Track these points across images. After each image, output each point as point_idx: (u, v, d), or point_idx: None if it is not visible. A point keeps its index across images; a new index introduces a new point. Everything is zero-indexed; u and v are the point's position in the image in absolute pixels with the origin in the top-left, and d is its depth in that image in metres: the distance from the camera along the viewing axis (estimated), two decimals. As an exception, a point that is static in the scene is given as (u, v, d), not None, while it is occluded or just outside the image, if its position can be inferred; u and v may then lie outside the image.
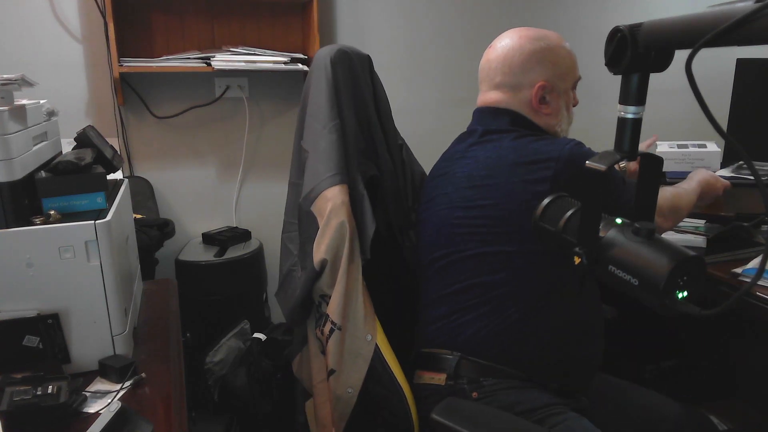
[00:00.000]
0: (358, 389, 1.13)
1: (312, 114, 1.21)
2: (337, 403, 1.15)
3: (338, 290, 1.10)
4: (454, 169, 1.21)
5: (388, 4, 2.47)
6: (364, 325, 1.11)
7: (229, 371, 1.76)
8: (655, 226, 0.74)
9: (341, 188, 1.13)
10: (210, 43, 2.23)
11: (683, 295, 0.71)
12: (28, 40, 2.03)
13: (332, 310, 1.11)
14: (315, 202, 1.14)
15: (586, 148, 1.10)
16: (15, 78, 1.00)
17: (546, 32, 1.21)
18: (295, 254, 1.26)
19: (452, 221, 1.16)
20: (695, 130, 2.81)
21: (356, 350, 1.12)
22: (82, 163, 1.07)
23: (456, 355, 1.12)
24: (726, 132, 0.63)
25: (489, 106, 1.22)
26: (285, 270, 1.29)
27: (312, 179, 1.17)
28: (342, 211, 1.10)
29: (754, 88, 1.74)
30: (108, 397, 0.95)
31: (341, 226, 1.10)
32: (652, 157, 0.75)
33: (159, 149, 2.26)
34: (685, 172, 1.54)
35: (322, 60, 1.21)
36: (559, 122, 1.22)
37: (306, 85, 1.26)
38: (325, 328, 1.14)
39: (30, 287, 0.97)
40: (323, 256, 1.10)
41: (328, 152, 1.15)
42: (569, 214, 0.84)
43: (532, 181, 1.06)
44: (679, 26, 0.63)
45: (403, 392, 1.11)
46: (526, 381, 1.10)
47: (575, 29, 2.70)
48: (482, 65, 1.25)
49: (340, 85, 1.19)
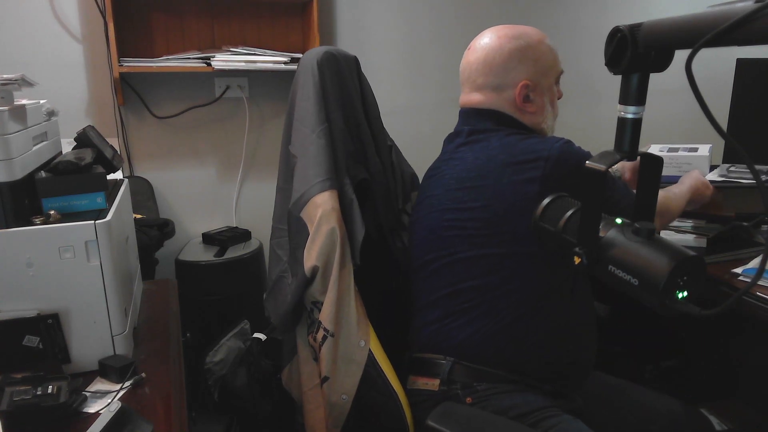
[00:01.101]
0: (352, 395, 1.12)
1: (299, 118, 1.19)
2: (331, 410, 1.15)
3: (330, 297, 1.10)
4: (443, 170, 1.21)
5: (388, 4, 2.47)
6: (357, 331, 1.10)
7: (229, 371, 1.76)
8: (654, 226, 0.74)
9: (331, 194, 1.11)
10: (210, 43, 2.23)
11: (683, 295, 0.71)
12: (28, 40, 2.03)
13: (325, 317, 1.10)
14: (305, 208, 1.13)
15: (576, 147, 1.09)
16: (15, 78, 1.00)
17: (525, 29, 1.20)
18: (284, 260, 1.24)
19: (442, 223, 1.15)
20: (695, 130, 2.81)
21: (350, 356, 1.11)
22: (82, 163, 1.07)
23: (449, 360, 1.12)
24: (726, 132, 0.63)
25: (473, 108, 1.21)
26: (274, 276, 1.27)
27: (301, 185, 1.15)
28: (332, 217, 1.09)
29: (754, 88, 1.74)
30: (108, 397, 0.94)
31: (332, 233, 1.09)
32: (652, 157, 0.76)
33: (159, 149, 2.27)
34: (672, 176, 1.54)
35: (309, 63, 1.19)
36: (544, 119, 1.20)
37: (292, 89, 1.24)
38: (318, 335, 1.13)
39: (30, 287, 0.97)
40: (314, 263, 1.09)
41: (317, 157, 1.14)
42: (569, 214, 0.84)
43: (521, 181, 1.06)
44: (679, 26, 0.63)
45: (398, 397, 1.10)
46: (519, 384, 1.10)
47: (575, 29, 2.70)
48: (463, 66, 1.23)
49: (327, 88, 1.18)
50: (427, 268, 1.19)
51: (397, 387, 1.11)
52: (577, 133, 1.57)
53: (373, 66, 2.34)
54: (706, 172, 1.60)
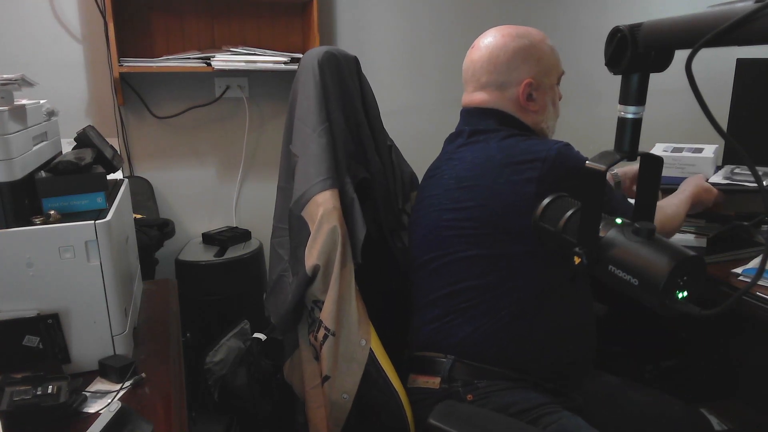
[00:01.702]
0: (353, 395, 1.12)
1: (300, 118, 1.20)
2: (332, 409, 1.15)
3: (331, 296, 1.09)
4: (443, 170, 1.21)
5: (388, 4, 2.47)
6: (358, 330, 1.10)
7: (229, 371, 1.76)
8: (654, 226, 0.74)
9: (332, 193, 1.11)
10: (210, 43, 2.23)
11: (683, 295, 0.71)
12: (28, 40, 2.03)
13: (326, 316, 1.11)
14: (306, 207, 1.13)
15: (575, 151, 1.10)
16: (15, 78, 1.00)
17: (528, 29, 1.21)
18: (285, 259, 1.24)
19: (441, 223, 1.16)
20: (696, 130, 2.81)
21: (351, 355, 1.11)
22: (82, 163, 1.07)
23: (450, 358, 1.12)
24: (726, 132, 0.63)
25: (476, 107, 1.21)
26: (275, 275, 1.27)
27: (302, 184, 1.15)
28: (333, 216, 1.09)
29: (754, 88, 1.74)
30: (108, 397, 0.94)
31: (333, 232, 1.09)
32: (652, 158, 0.76)
33: (159, 149, 2.27)
34: (676, 177, 1.53)
35: (310, 63, 1.20)
36: (545, 118, 1.21)
37: (293, 88, 1.24)
38: (319, 334, 1.13)
39: (30, 287, 0.97)
40: (315, 262, 1.09)
41: (318, 156, 1.14)
42: (569, 214, 0.84)
43: (518, 181, 1.06)
44: (679, 26, 0.63)
45: (398, 396, 1.10)
46: (519, 381, 1.10)
47: (575, 29, 2.70)
48: (466, 65, 1.25)
49: (328, 87, 1.18)
50: (426, 267, 1.19)
51: (398, 386, 1.11)
52: (577, 133, 1.57)
53: (373, 66, 2.34)
54: (711, 174, 1.57)
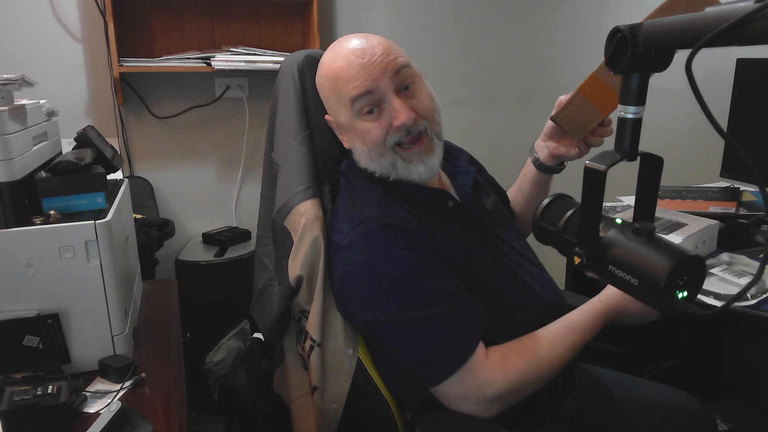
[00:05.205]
0: (342, 404, 1.10)
1: (281, 125, 1.17)
2: (322, 419, 1.13)
3: (316, 306, 1.07)
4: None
5: (388, 4, 2.47)
6: (345, 339, 1.08)
7: (229, 371, 1.76)
8: (654, 226, 0.74)
9: (314, 202, 1.09)
10: (210, 43, 2.23)
11: (683, 295, 0.71)
12: (28, 40, 2.03)
13: (311, 327, 1.09)
14: (288, 216, 1.10)
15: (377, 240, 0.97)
16: (15, 78, 1.00)
17: (324, 55, 1.07)
18: (270, 268, 1.22)
19: None
20: (695, 130, 2.81)
21: (338, 365, 1.09)
22: (82, 163, 1.07)
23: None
24: (726, 132, 0.63)
25: None
26: (261, 285, 1.25)
27: (284, 193, 1.12)
28: (316, 225, 1.06)
29: (754, 88, 1.74)
30: (108, 397, 0.95)
31: (315, 242, 1.06)
32: (652, 157, 0.76)
33: (159, 149, 2.27)
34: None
35: (289, 68, 1.16)
36: (360, 158, 1.05)
37: (274, 95, 1.21)
38: (306, 345, 1.11)
39: (30, 287, 0.97)
40: (299, 273, 1.07)
41: (300, 165, 1.12)
42: (569, 214, 0.85)
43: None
44: (679, 26, 0.63)
45: (388, 404, 1.08)
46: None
47: (575, 29, 2.70)
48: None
49: (308, 93, 1.15)
50: None
51: (387, 394, 1.10)
52: (577, 133, 1.56)
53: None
54: None
